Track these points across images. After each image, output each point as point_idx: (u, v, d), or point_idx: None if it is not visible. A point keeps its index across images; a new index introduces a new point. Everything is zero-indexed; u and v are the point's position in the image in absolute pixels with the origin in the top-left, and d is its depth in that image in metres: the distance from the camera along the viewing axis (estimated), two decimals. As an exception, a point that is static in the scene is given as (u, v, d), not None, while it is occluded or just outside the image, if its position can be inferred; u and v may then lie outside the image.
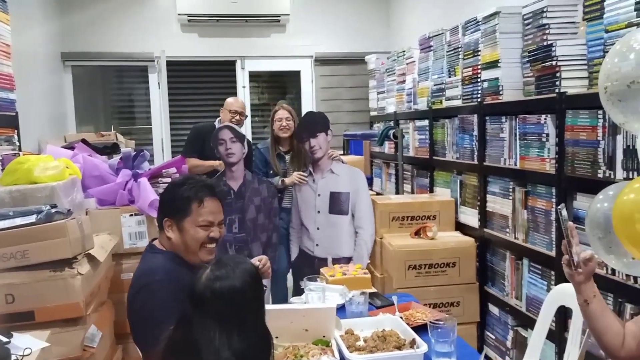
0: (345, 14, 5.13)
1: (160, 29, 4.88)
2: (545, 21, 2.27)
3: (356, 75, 5.12)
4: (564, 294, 1.93)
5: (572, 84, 2.14)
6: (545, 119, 2.24)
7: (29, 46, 3.78)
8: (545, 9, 2.26)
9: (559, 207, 1.38)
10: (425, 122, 3.46)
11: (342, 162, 3.06)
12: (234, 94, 5.14)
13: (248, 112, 5.15)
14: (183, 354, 1.20)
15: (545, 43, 2.25)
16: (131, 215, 2.30)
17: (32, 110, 3.62)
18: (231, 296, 1.20)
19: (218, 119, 3.54)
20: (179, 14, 4.76)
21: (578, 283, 1.33)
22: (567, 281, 2.00)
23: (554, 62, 2.17)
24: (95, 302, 1.98)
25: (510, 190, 2.53)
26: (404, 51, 3.85)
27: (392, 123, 4.03)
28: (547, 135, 2.22)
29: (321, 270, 2.50)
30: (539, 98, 2.29)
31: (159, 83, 4.88)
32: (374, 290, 2.38)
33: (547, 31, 2.27)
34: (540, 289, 2.32)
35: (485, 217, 2.78)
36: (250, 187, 2.86)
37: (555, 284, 2.14)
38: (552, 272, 2.23)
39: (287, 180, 3.03)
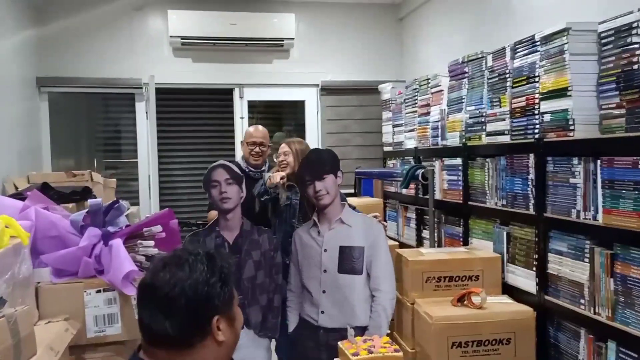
0: (354, 40, 4.73)
1: (150, 53, 4.43)
2: (636, 39, 1.79)
3: (367, 106, 4.66)
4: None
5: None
6: (642, 163, 1.73)
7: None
8: (635, 25, 1.78)
9: None
10: (458, 161, 2.94)
11: (352, 208, 2.51)
12: (231, 125, 4.65)
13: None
14: None
15: (636, 67, 1.76)
16: (98, 291, 1.70)
17: (-3, 142, 3.08)
18: None
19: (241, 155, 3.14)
20: (171, 36, 4.29)
21: None
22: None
23: (652, 90, 1.68)
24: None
25: (587, 250, 1.99)
26: (429, 79, 3.37)
27: (412, 160, 3.53)
28: (645, 183, 1.71)
29: (340, 345, 1.94)
30: (631, 136, 1.79)
31: (146, 112, 4.37)
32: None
33: (637, 52, 1.78)
34: (637, 386, 1.76)
35: (545, 280, 2.24)
36: (249, 238, 2.32)
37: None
38: (657, 365, 1.68)
39: (269, 183, 2.60)
